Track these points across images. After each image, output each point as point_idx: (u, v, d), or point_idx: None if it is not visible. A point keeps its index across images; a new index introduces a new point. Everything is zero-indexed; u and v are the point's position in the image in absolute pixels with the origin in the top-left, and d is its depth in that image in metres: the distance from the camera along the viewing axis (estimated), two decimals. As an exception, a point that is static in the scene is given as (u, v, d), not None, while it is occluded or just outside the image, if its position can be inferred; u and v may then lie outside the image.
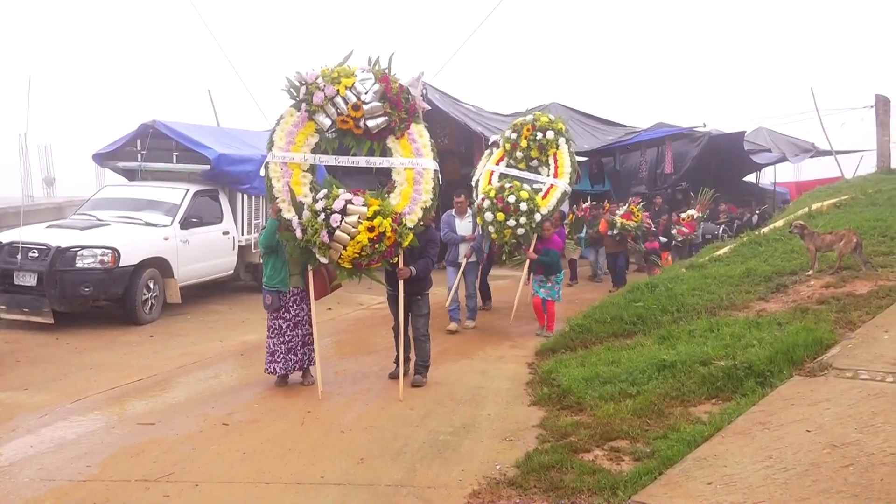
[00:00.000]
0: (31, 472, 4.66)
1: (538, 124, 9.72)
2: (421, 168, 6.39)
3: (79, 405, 6.06)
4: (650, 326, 7.45)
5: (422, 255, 6.64)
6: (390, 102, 6.26)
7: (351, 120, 6.24)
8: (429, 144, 6.53)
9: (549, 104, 20.12)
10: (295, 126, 6.33)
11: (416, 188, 6.36)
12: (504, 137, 10.04)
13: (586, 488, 4.14)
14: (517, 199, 8.78)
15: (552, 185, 9.36)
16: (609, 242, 12.53)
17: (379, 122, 6.25)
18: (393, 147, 6.44)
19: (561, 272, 9.03)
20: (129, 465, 4.76)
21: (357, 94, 6.20)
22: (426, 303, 6.87)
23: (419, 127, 6.56)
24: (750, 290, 7.95)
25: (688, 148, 17.79)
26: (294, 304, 6.58)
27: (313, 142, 6.37)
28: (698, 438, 4.40)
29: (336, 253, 6.01)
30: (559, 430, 5.17)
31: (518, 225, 8.79)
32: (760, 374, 5.37)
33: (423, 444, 5.11)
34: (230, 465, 4.76)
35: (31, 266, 8.69)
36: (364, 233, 5.92)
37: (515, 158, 9.83)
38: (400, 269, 6.42)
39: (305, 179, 6.32)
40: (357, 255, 5.99)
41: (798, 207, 14.26)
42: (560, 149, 9.65)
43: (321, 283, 6.61)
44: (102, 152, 11.38)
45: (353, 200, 6.01)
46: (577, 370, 6.39)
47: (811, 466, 3.78)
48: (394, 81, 6.31)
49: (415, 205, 6.33)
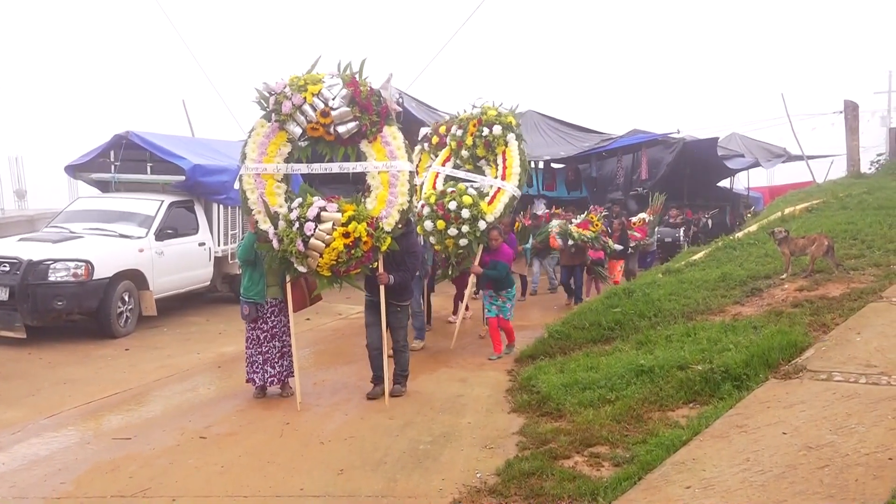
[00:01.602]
0: (3, 490, 4.57)
1: (485, 118, 8.74)
2: (396, 170, 6.27)
3: (53, 421, 5.96)
4: (628, 332, 7.50)
5: (400, 266, 6.51)
6: (359, 106, 6.19)
7: (321, 127, 6.19)
8: (403, 146, 6.38)
9: (525, 112, 20.24)
10: (266, 137, 6.32)
11: (391, 191, 6.25)
12: (450, 135, 9.19)
13: (567, 495, 4.15)
14: (459, 204, 7.97)
15: (499, 189, 8.43)
16: (564, 255, 11.30)
17: (349, 127, 6.17)
18: (367, 151, 6.34)
19: (512, 287, 8.24)
20: (105, 480, 4.68)
21: (324, 101, 6.15)
22: (405, 314, 6.76)
23: (392, 129, 6.40)
24: (726, 295, 8.03)
25: (663, 154, 17.98)
26: (272, 316, 6.53)
27: (286, 151, 6.34)
28: (677, 443, 4.43)
29: (314, 261, 5.98)
30: (539, 437, 5.18)
31: (460, 234, 8.00)
32: (737, 377, 5.43)
33: (404, 454, 5.09)
34: (208, 478, 4.71)
35: (2, 280, 8.54)
36: (339, 239, 5.89)
37: (461, 158, 8.99)
38: (379, 274, 6.33)
39: (280, 190, 6.30)
40: (334, 262, 5.95)
41: (771, 212, 14.47)
42: (509, 146, 8.69)
43: (300, 295, 6.58)
44: (75, 164, 11.24)
45: (326, 207, 5.99)
46: (557, 377, 6.40)
47: (787, 468, 3.83)
48: (363, 85, 6.23)
49: (391, 208, 6.22)
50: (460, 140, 8.91)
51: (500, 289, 8.00)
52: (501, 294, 8.02)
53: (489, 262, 7.97)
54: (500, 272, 7.92)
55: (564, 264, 11.39)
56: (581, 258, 11.21)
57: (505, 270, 7.97)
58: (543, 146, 18.53)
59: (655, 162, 17.79)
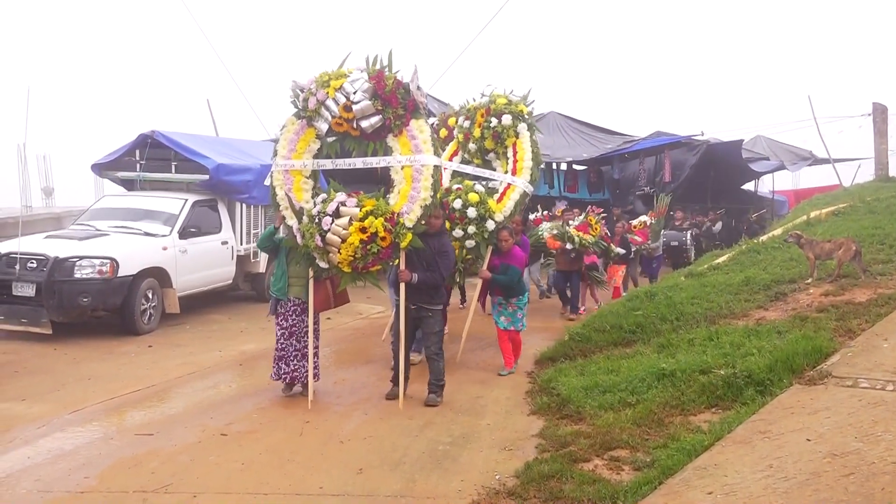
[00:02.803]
0: (29, 484, 4.63)
1: (493, 107, 7.97)
2: (419, 165, 6.08)
3: (77, 416, 6.03)
4: (649, 335, 7.44)
5: (430, 266, 6.30)
6: (382, 100, 6.04)
7: (345, 122, 6.15)
8: (430, 140, 6.18)
9: (548, 113, 20.20)
10: (296, 134, 6.36)
11: (414, 186, 6.07)
12: (457, 126, 8.53)
13: (586, 498, 4.12)
14: (464, 203, 7.35)
15: (509, 185, 7.72)
16: (561, 259, 10.30)
17: (373, 121, 6.06)
18: (393, 146, 6.21)
19: (525, 293, 7.49)
20: (127, 476, 4.73)
21: (346, 95, 6.07)
22: (438, 319, 6.49)
23: (419, 122, 6.20)
24: (749, 299, 7.94)
25: (686, 156, 17.83)
26: (293, 315, 6.51)
27: (315, 148, 6.35)
28: (698, 448, 4.38)
29: (335, 257, 5.97)
30: (559, 440, 5.16)
31: (466, 236, 7.34)
32: (760, 382, 5.36)
33: (423, 454, 5.09)
34: (228, 475, 4.74)
35: (29, 276, 8.68)
36: (356, 234, 5.84)
37: (469, 152, 8.33)
38: (401, 271, 6.17)
39: (307, 186, 6.30)
40: (352, 258, 5.90)
41: (796, 215, 14.28)
42: (520, 138, 7.93)
43: (324, 296, 6.51)
44: (101, 162, 11.39)
45: (346, 202, 5.98)
46: (577, 379, 6.37)
47: (812, 476, 3.77)
48: (388, 78, 6.07)
49: (413, 203, 6.03)
50: (468, 132, 8.28)
51: (510, 295, 7.32)
52: (512, 302, 7.34)
53: (499, 266, 7.30)
54: (510, 277, 7.25)
55: (560, 269, 10.58)
56: (579, 263, 10.52)
57: (517, 275, 7.33)
58: (566, 147, 18.47)
59: (679, 164, 17.65)
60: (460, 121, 8.40)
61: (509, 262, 7.27)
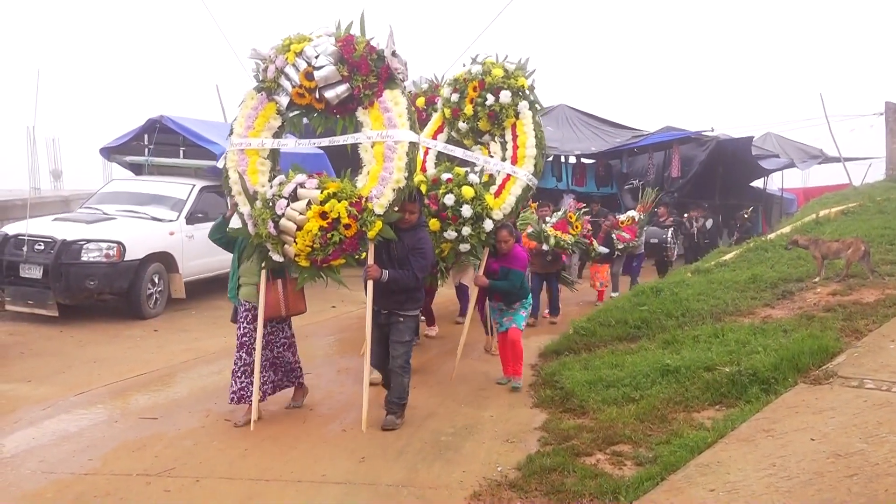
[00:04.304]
0: (33, 465, 4.66)
1: (489, 80, 6.63)
2: (393, 142, 5.22)
3: (82, 398, 6.07)
4: (655, 331, 7.42)
5: (402, 264, 5.39)
6: (350, 66, 5.24)
7: (307, 93, 5.35)
8: (406, 112, 5.33)
9: (557, 105, 20.12)
10: (254, 109, 5.61)
11: (386, 166, 5.20)
12: (443, 99, 7.20)
13: (588, 492, 4.12)
14: (457, 199, 6.26)
15: (509, 176, 6.52)
16: (537, 261, 9.08)
17: (339, 91, 5.26)
18: (363, 120, 5.38)
19: (528, 297, 6.60)
20: (131, 459, 4.76)
21: (308, 60, 5.26)
22: (409, 327, 5.49)
23: (394, 93, 5.36)
24: (756, 297, 7.91)
25: (695, 152, 17.74)
26: (244, 322, 5.50)
27: (275, 125, 5.61)
28: (701, 445, 4.37)
29: (291, 249, 5.11)
30: (561, 433, 5.15)
31: (460, 238, 6.31)
32: (765, 380, 5.34)
33: (425, 445, 5.10)
34: (231, 461, 4.76)
35: (36, 258, 8.72)
36: (314, 220, 4.97)
37: (459, 131, 7.05)
38: (369, 266, 5.28)
39: (263, 167, 5.54)
40: (310, 249, 5.04)
41: (805, 214, 14.22)
42: (521, 118, 6.61)
43: (273, 300, 5.45)
44: (110, 146, 11.43)
45: (305, 184, 5.14)
46: (581, 373, 6.36)
47: (815, 475, 3.76)
48: (359, 42, 5.29)
49: (384, 186, 5.16)
50: (456, 108, 6.92)
51: (511, 302, 6.50)
52: (513, 305, 6.54)
53: (498, 270, 6.40)
54: (512, 283, 6.33)
55: (536, 272, 9.23)
56: (557, 265, 9.48)
57: (519, 280, 6.38)
58: (574, 141, 18.41)
59: (687, 160, 17.57)
60: (446, 92, 7.08)
61: (510, 266, 6.37)
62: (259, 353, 5.38)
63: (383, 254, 5.41)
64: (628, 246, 11.42)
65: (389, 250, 5.40)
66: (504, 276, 6.34)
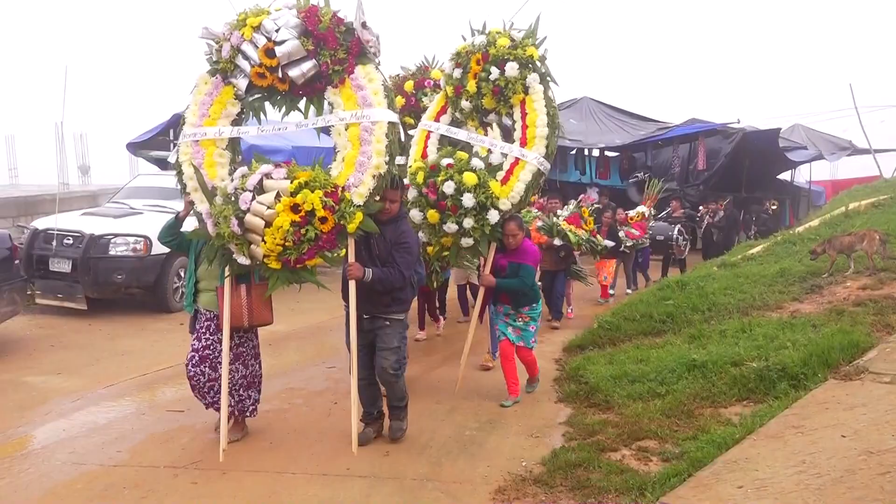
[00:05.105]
0: (63, 456, 4.74)
1: (493, 52, 5.85)
2: (369, 122, 4.64)
3: (110, 391, 6.15)
4: (680, 325, 7.35)
5: (385, 262, 4.83)
6: (315, 39, 4.66)
7: (268, 72, 4.74)
8: (381, 90, 4.74)
9: (580, 98, 19.99)
10: (209, 95, 4.99)
11: (363, 150, 4.61)
12: (445, 76, 6.39)
13: (613, 488, 4.09)
14: (458, 186, 5.53)
15: (517, 160, 5.78)
16: (547, 257, 8.41)
17: (304, 68, 4.67)
18: (334, 101, 4.80)
19: (538, 301, 5.91)
20: (159, 451, 4.81)
21: (267, 35, 4.67)
22: (397, 332, 4.91)
23: (367, 69, 4.77)
24: (784, 291, 7.80)
25: (721, 144, 17.55)
26: (206, 333, 4.90)
27: (234, 111, 4.99)
28: (729, 441, 4.32)
29: (258, 249, 4.43)
30: (586, 428, 5.12)
31: (462, 231, 5.61)
32: (794, 376, 5.26)
33: (449, 439, 5.09)
34: (257, 454, 4.79)
35: (65, 253, 8.86)
36: (285, 214, 4.32)
37: (462, 111, 6.23)
38: (350, 264, 4.68)
39: (222, 159, 4.93)
40: (281, 248, 4.37)
41: (834, 207, 13.98)
42: (531, 94, 5.84)
43: (236, 307, 4.81)
44: (136, 141, 11.57)
45: (272, 174, 4.50)
46: (605, 368, 6.32)
47: (846, 473, 3.69)
48: (324, 13, 4.72)
49: (363, 172, 4.57)
50: (459, 85, 6.14)
51: (520, 304, 5.80)
52: (522, 312, 5.82)
53: (506, 267, 5.71)
54: (523, 281, 5.65)
55: (547, 269, 8.62)
56: (567, 262, 8.92)
57: (530, 277, 5.72)
58: (598, 134, 18.30)
59: (713, 152, 17.39)
60: (448, 68, 6.32)
61: (520, 262, 5.68)
62: (227, 368, 4.78)
63: (363, 251, 4.82)
64: (637, 243, 11.03)
65: (370, 246, 4.83)
66: (514, 274, 5.65)
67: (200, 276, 4.93)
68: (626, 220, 11.11)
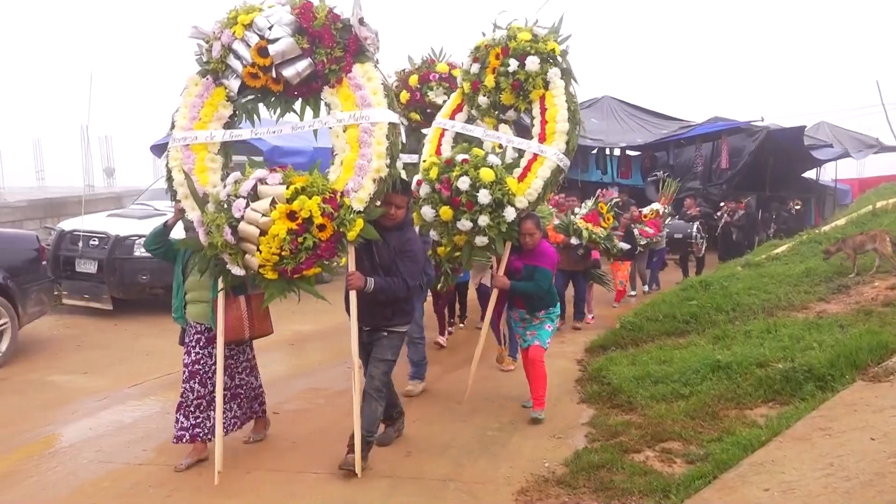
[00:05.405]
0: (90, 454, 4.80)
1: (513, 46, 5.60)
2: (369, 123, 4.40)
3: (136, 390, 6.22)
4: (704, 326, 7.29)
5: (388, 270, 4.57)
6: (310, 36, 4.44)
7: (261, 72, 4.51)
8: (381, 89, 4.49)
9: (601, 97, 19.89)
10: (199, 96, 4.77)
11: (363, 153, 4.37)
12: (462, 73, 6.16)
13: (637, 490, 4.06)
14: (474, 182, 5.23)
15: (535, 156, 5.47)
16: (565, 256, 8.08)
17: (299, 67, 4.44)
18: (331, 101, 4.57)
19: (556, 304, 5.58)
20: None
21: (260, 33, 4.45)
22: (393, 345, 4.69)
23: (365, 67, 4.53)
24: (809, 291, 7.71)
25: (744, 143, 17.36)
26: (196, 346, 4.68)
27: (226, 113, 4.76)
28: (755, 443, 4.27)
29: (253, 259, 4.17)
30: (609, 429, 5.09)
31: (476, 229, 5.30)
32: (821, 377, 5.18)
33: (471, 440, 5.09)
34: (280, 453, 4.82)
35: (91, 253, 8.98)
36: (281, 221, 4.07)
37: (479, 108, 6.00)
38: (350, 275, 4.43)
39: (214, 164, 4.69)
40: (277, 258, 4.11)
41: (861, 205, 13.77)
42: (551, 89, 5.58)
43: (234, 319, 4.62)
44: (160, 143, 11.68)
45: (267, 179, 4.25)
46: (628, 368, 6.28)
47: (875, 476, 3.63)
48: (319, 9, 4.49)
49: (363, 176, 4.33)
50: (476, 80, 5.93)
51: (536, 309, 5.50)
52: (538, 316, 5.54)
53: (521, 270, 5.42)
54: (538, 285, 5.33)
55: (562, 269, 7.98)
56: (586, 262, 8.68)
57: (547, 281, 5.37)
58: (619, 133, 18.21)
59: (736, 151, 17.20)
60: (465, 64, 6.09)
61: (536, 264, 5.37)
62: (221, 383, 4.52)
63: (364, 259, 4.57)
64: (651, 241, 10.81)
65: (372, 254, 4.57)
66: (529, 276, 5.35)
67: (189, 287, 4.70)
68: (639, 217, 10.88)
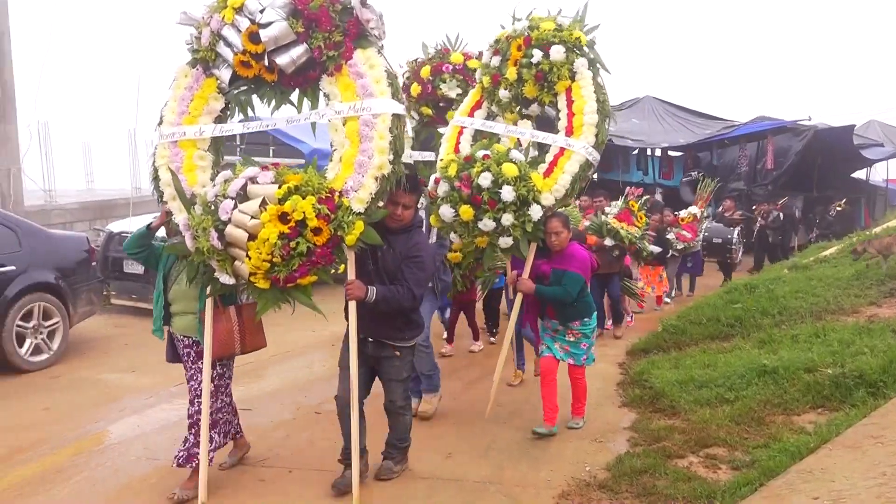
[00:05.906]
0: (138, 451, 4.92)
1: (535, 36, 5.18)
2: (370, 115, 3.95)
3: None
4: (749, 329, 7.14)
5: (394, 278, 4.17)
6: (306, 19, 3.98)
7: (253, 60, 4.08)
8: (384, 77, 4.03)
9: (643, 97, 19.66)
10: (188, 89, 4.34)
11: (363, 148, 3.94)
12: (482, 67, 5.75)
13: (681, 496, 4.00)
14: (496, 178, 4.79)
15: (562, 150, 5.03)
16: (600, 259, 6.80)
17: (294, 54, 4.01)
18: (330, 91, 4.10)
19: (592, 315, 5.15)
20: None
21: (251, 17, 4.00)
22: (406, 363, 4.37)
23: (367, 53, 4.06)
24: (860, 294, 7.49)
25: (791, 142, 16.96)
26: (189, 361, 4.37)
27: (217, 107, 4.34)
28: (803, 450, 4.16)
29: (243, 266, 3.78)
30: (651, 434, 5.02)
31: (500, 229, 4.86)
32: (872, 384, 5.03)
33: (511, 442, 5.07)
34: (321, 453, 4.86)
35: (138, 255, 9.17)
36: (272, 224, 3.64)
37: (500, 103, 5.58)
38: (349, 283, 4.03)
39: (203, 162, 4.27)
40: (268, 264, 3.70)
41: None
42: (578, 80, 5.13)
43: (224, 332, 4.26)
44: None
45: (258, 178, 3.82)
46: (671, 372, 6.19)
47: (931, 486, 3.51)
48: None
49: (363, 174, 3.91)
50: (497, 73, 5.48)
51: (569, 318, 5.07)
52: (572, 328, 5.10)
53: (549, 274, 5.01)
54: (566, 290, 4.90)
55: (597, 272, 6.87)
56: (620, 264, 8.32)
57: (576, 287, 4.92)
58: (661, 133, 17.96)
59: (782, 151, 16.82)
60: (486, 57, 5.67)
61: (566, 268, 4.95)
62: (207, 405, 4.15)
63: (368, 265, 4.17)
64: (688, 246, 10.44)
65: (376, 260, 4.18)
66: (556, 281, 4.94)
67: (173, 298, 4.31)
68: (675, 221, 10.54)
